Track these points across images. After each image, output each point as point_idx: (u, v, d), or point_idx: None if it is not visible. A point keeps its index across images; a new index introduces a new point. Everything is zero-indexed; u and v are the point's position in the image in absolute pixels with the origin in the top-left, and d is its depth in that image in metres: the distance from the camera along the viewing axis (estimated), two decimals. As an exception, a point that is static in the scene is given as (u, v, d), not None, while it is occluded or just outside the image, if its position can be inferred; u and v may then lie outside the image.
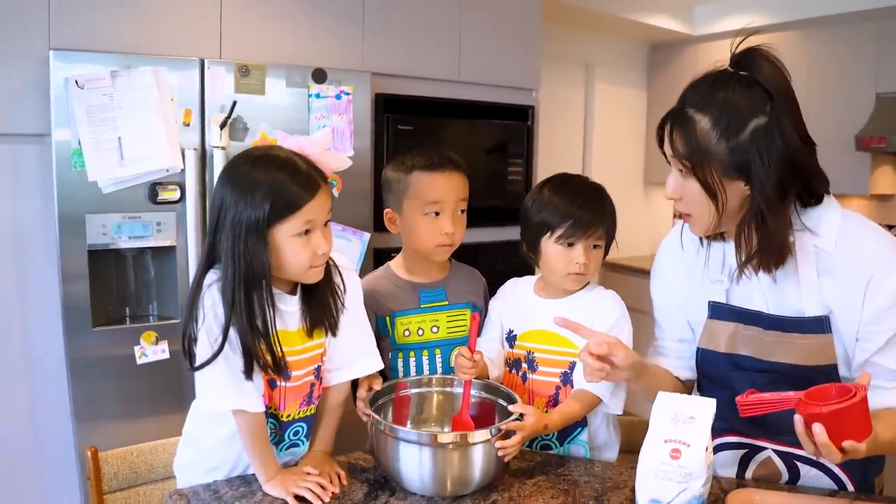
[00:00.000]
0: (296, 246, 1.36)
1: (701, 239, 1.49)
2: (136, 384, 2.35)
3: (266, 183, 1.33)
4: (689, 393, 1.58)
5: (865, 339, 1.34)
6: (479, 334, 1.73)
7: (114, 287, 2.41)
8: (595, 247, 1.63)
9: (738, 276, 1.41)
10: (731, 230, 1.38)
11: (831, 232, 1.34)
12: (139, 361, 2.35)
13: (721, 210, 1.31)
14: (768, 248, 1.32)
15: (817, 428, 1.15)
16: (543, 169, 3.52)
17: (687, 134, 1.29)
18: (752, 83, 1.27)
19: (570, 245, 1.61)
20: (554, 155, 4.36)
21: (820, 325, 1.36)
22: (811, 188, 1.35)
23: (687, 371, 1.58)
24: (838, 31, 3.96)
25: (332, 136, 1.46)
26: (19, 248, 2.33)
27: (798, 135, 1.28)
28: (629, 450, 1.71)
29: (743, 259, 1.36)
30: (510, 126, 3.41)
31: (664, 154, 1.39)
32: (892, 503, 1.34)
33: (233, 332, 1.36)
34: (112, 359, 2.32)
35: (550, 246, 1.62)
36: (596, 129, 4.84)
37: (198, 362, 1.36)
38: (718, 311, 1.48)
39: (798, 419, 1.18)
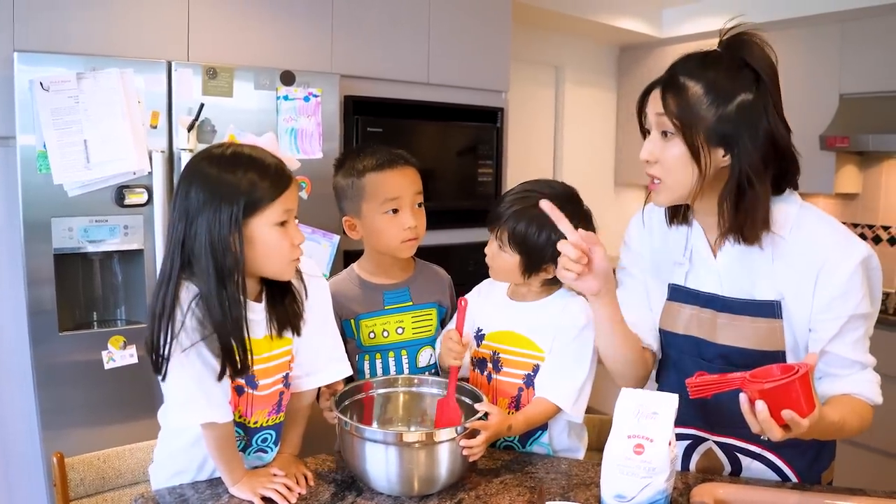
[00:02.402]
0: (276, 236, 1.37)
1: (670, 222, 1.52)
2: (103, 389, 2.33)
3: (240, 177, 1.33)
4: (652, 360, 1.60)
5: (817, 329, 1.38)
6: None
7: (81, 291, 2.39)
8: (500, 248, 1.62)
9: (721, 243, 1.44)
10: (707, 203, 1.41)
11: (787, 220, 1.39)
12: (107, 366, 2.32)
13: (703, 173, 1.34)
14: (753, 218, 1.35)
15: (759, 405, 1.17)
16: (514, 170, 3.55)
17: (679, 97, 1.33)
18: (742, 65, 1.33)
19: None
20: (525, 156, 4.38)
21: (771, 309, 1.40)
22: (784, 173, 1.39)
23: (650, 338, 1.57)
24: (802, 33, 4.01)
25: (276, 141, 1.46)
26: (-17, 252, 2.30)
27: (780, 117, 1.34)
28: (597, 447, 1.72)
29: (726, 228, 1.39)
30: (480, 128, 3.42)
31: (641, 122, 1.43)
32: (854, 493, 1.37)
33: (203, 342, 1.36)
34: (79, 364, 2.29)
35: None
36: (566, 130, 4.86)
37: (171, 368, 1.35)
38: (677, 293, 1.52)
39: (743, 398, 1.20)
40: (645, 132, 1.44)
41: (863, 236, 4.10)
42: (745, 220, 1.36)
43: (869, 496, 1.35)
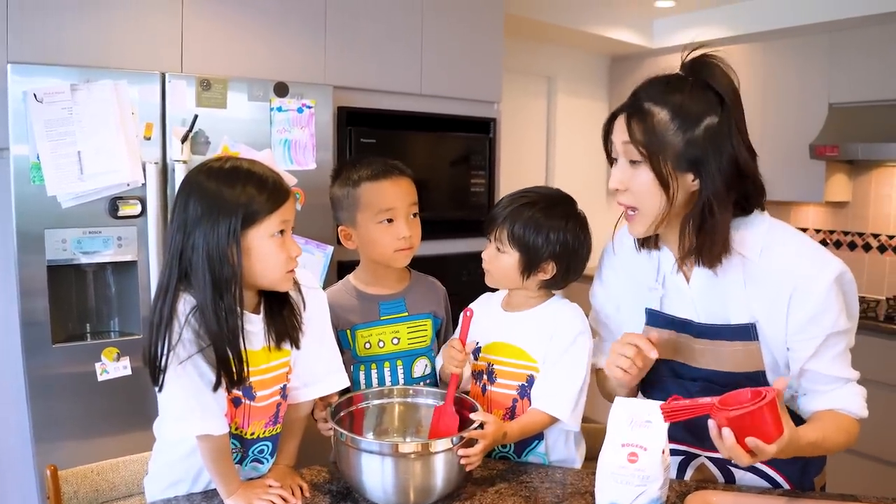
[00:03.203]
0: (273, 247, 1.37)
1: (640, 248, 1.53)
2: (97, 401, 2.32)
3: (238, 191, 1.34)
4: (636, 390, 1.61)
5: (795, 349, 1.38)
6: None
7: (74, 303, 2.38)
8: (498, 250, 1.64)
9: (680, 267, 1.44)
10: (673, 226, 1.41)
11: (756, 242, 1.38)
12: (100, 378, 2.32)
13: (671, 200, 1.34)
14: (713, 241, 1.35)
15: (725, 432, 1.19)
16: (506, 180, 3.56)
17: (645, 124, 1.32)
18: (705, 87, 1.32)
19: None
20: (517, 166, 4.40)
21: (746, 332, 1.40)
22: (748, 196, 1.39)
23: None
24: (792, 43, 4.05)
25: (273, 157, 1.48)
26: (-24, 264, 2.29)
27: (743, 141, 1.34)
28: (591, 456, 1.72)
29: (686, 250, 1.39)
30: (472, 138, 3.44)
31: (607, 150, 1.42)
32: (846, 500, 1.38)
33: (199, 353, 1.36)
34: (72, 376, 2.28)
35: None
36: (558, 140, 4.89)
37: (168, 380, 1.35)
38: (654, 317, 1.52)
39: (712, 424, 1.22)
40: (612, 159, 1.43)
41: (853, 244, 4.12)
42: (704, 242, 1.36)
43: (860, 502, 1.36)
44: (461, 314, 1.64)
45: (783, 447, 1.19)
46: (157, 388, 1.37)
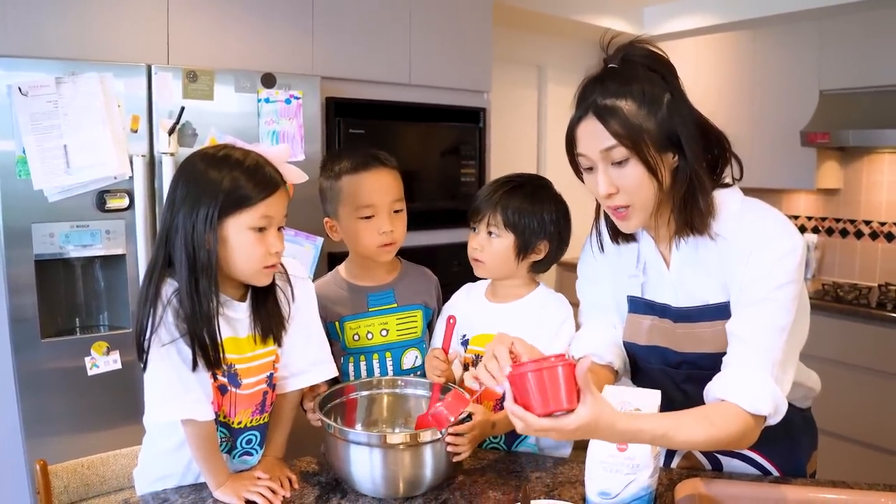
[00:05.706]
0: (250, 241, 1.36)
1: (616, 240, 1.52)
2: (87, 396, 2.32)
3: (223, 176, 1.34)
4: (614, 377, 1.57)
5: (734, 304, 1.35)
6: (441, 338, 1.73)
7: (63, 297, 2.37)
8: (491, 234, 1.65)
9: (660, 251, 1.44)
10: (665, 206, 1.39)
11: (729, 219, 1.36)
12: (90, 372, 2.31)
13: (661, 185, 1.32)
14: (703, 207, 1.34)
15: (507, 393, 1.13)
16: (497, 170, 3.54)
17: (620, 119, 1.30)
18: (647, 68, 1.33)
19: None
20: (508, 156, 4.39)
21: (726, 311, 1.37)
22: (716, 157, 1.40)
23: (610, 355, 1.54)
24: (782, 30, 4.05)
25: (290, 151, 1.47)
26: (-37, 259, 2.27)
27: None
28: (581, 445, 1.72)
29: (679, 226, 1.39)
30: (462, 128, 3.43)
31: (574, 164, 1.44)
32: (836, 486, 1.38)
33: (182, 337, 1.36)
34: (62, 371, 2.28)
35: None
36: (549, 129, 4.88)
37: (150, 361, 1.36)
38: (636, 304, 1.52)
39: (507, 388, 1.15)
40: (579, 172, 1.43)
41: (844, 231, 4.13)
42: (695, 212, 1.35)
43: (851, 488, 1.36)
44: (446, 320, 1.63)
45: (573, 427, 1.09)
46: (142, 368, 1.37)
